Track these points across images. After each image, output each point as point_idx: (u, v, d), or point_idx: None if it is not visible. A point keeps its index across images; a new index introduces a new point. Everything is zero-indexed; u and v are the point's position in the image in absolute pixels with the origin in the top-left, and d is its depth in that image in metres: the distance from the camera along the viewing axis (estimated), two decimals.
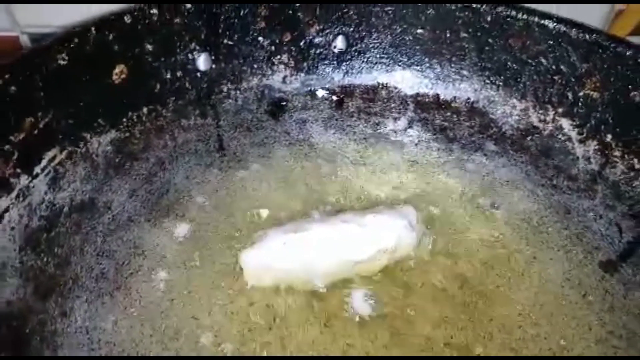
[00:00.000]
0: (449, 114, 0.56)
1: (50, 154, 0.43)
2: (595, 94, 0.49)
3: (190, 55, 0.51)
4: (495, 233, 0.49)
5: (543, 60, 0.51)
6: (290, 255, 0.45)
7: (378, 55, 0.56)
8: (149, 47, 0.48)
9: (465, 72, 0.55)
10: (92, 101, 0.45)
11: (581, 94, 0.50)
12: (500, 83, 0.54)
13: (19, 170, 0.40)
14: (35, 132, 0.41)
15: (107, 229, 0.45)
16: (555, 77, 0.51)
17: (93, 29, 0.44)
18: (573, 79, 0.50)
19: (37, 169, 0.41)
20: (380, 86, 0.57)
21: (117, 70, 0.46)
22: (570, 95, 0.51)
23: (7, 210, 0.39)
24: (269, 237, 0.45)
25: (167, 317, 0.41)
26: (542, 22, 0.50)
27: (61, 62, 0.42)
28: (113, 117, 0.47)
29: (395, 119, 0.57)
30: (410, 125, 0.57)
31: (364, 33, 0.55)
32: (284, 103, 0.56)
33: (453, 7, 0.52)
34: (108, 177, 0.46)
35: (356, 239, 0.46)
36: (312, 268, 0.45)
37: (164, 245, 0.46)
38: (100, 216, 0.45)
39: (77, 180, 0.44)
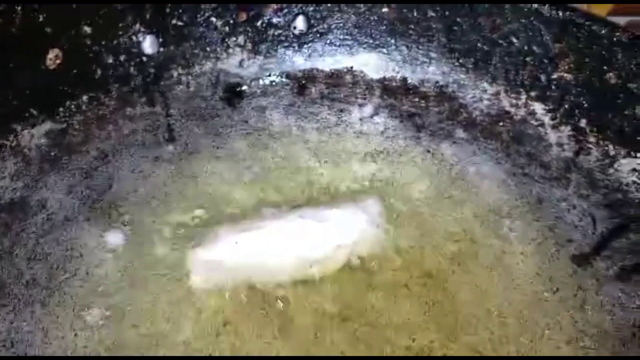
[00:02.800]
0: (417, 99, 0.53)
1: None
2: (569, 76, 0.46)
3: (134, 38, 0.47)
4: (464, 226, 0.46)
5: (514, 41, 0.48)
6: (243, 255, 0.41)
7: (341, 37, 0.53)
8: (87, 29, 0.44)
9: (433, 54, 0.52)
10: (23, 89, 0.41)
11: (554, 76, 0.47)
12: (470, 65, 0.51)
13: None
14: None
15: (41, 230, 0.41)
16: (527, 59, 0.48)
17: (19, 8, 0.40)
18: (546, 60, 0.47)
19: None
20: (345, 70, 0.54)
21: (51, 55, 0.42)
22: (543, 77, 0.48)
23: None
24: (219, 236, 0.42)
25: (104, 327, 0.38)
26: None
27: None
28: (48, 107, 0.43)
29: (360, 106, 0.53)
30: (376, 112, 0.53)
31: (325, 12, 0.52)
32: (241, 89, 0.53)
33: None
34: (42, 172, 0.43)
35: (314, 236, 0.43)
36: (266, 268, 0.41)
37: (103, 247, 0.42)
38: (33, 216, 0.41)
39: (6, 176, 0.40)
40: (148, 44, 0.47)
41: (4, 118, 0.40)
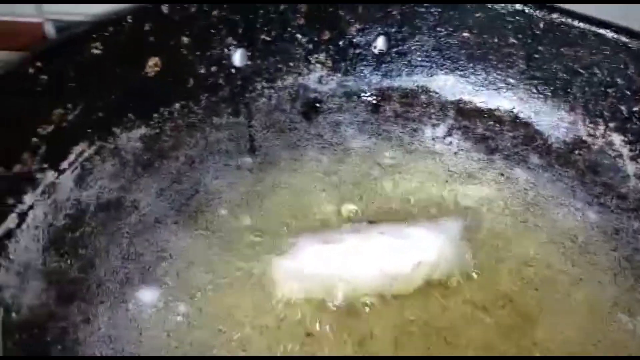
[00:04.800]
0: (491, 122, 0.53)
1: (78, 148, 0.40)
2: None
3: (226, 50, 0.48)
4: (540, 251, 0.46)
5: (597, 71, 0.48)
6: (324, 267, 0.42)
7: (420, 58, 0.54)
8: (185, 39, 0.45)
9: (511, 80, 0.52)
10: (124, 94, 0.43)
11: (636, 108, 0.48)
12: (549, 93, 0.51)
13: (45, 165, 0.38)
14: (64, 124, 0.39)
15: (134, 230, 0.43)
16: (609, 90, 0.48)
17: (129, 18, 0.42)
18: (628, 93, 0.47)
19: (64, 164, 0.39)
20: (420, 90, 0.54)
21: (151, 62, 0.44)
22: (624, 109, 0.48)
23: (31, 207, 0.37)
24: (300, 246, 0.43)
25: (194, 329, 0.39)
26: (600, 31, 0.47)
27: (95, 51, 0.40)
28: (144, 112, 0.45)
29: (434, 126, 0.54)
30: (449, 132, 0.54)
31: (406, 34, 0.53)
32: (319, 104, 0.54)
33: (503, 11, 0.50)
34: (136, 175, 0.44)
35: (394, 252, 0.43)
36: (347, 281, 0.42)
37: (191, 250, 0.43)
38: (127, 216, 0.43)
39: (104, 177, 0.42)
40: (238, 57, 0.49)
41: (105, 121, 0.42)
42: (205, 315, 0.40)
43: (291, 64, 0.52)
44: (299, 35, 0.51)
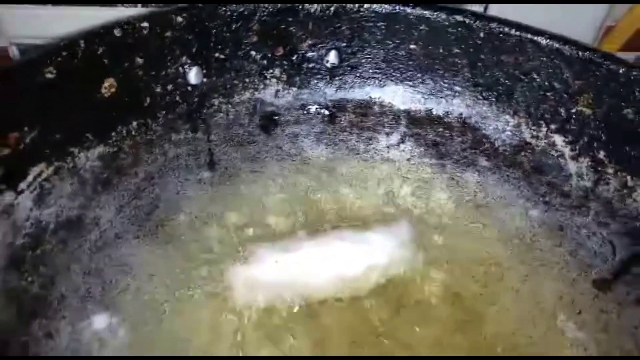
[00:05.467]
0: (441, 129, 0.56)
1: (36, 169, 0.41)
2: (587, 111, 0.49)
3: (181, 69, 0.50)
4: (489, 250, 0.49)
5: (536, 77, 0.51)
6: (281, 273, 0.44)
7: (371, 71, 0.56)
8: (139, 60, 0.47)
9: (457, 88, 0.55)
10: (81, 115, 0.44)
11: (574, 110, 0.50)
12: (493, 99, 0.54)
13: (3, 187, 0.39)
14: (21, 147, 0.40)
15: (95, 247, 0.44)
16: (548, 94, 0.51)
17: (82, 42, 0.43)
18: (566, 96, 0.50)
19: (23, 185, 0.40)
20: (373, 101, 0.57)
21: (106, 84, 0.46)
22: (563, 111, 0.51)
23: None
24: (259, 255, 0.45)
25: (156, 340, 0.40)
26: (535, 38, 0.49)
27: (49, 75, 0.41)
28: (102, 132, 0.46)
29: (387, 134, 0.56)
30: (402, 140, 0.56)
31: (356, 48, 0.55)
32: (276, 117, 0.56)
33: (446, 23, 0.52)
34: (96, 192, 0.45)
35: (347, 256, 0.45)
36: (304, 286, 0.44)
37: (151, 263, 0.45)
38: (88, 233, 0.44)
39: (64, 196, 0.43)
40: (193, 75, 0.51)
41: (63, 141, 0.43)
42: (167, 326, 0.41)
43: (247, 79, 0.54)
44: (252, 52, 0.53)
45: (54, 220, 0.42)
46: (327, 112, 0.57)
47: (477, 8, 0.62)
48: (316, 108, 0.57)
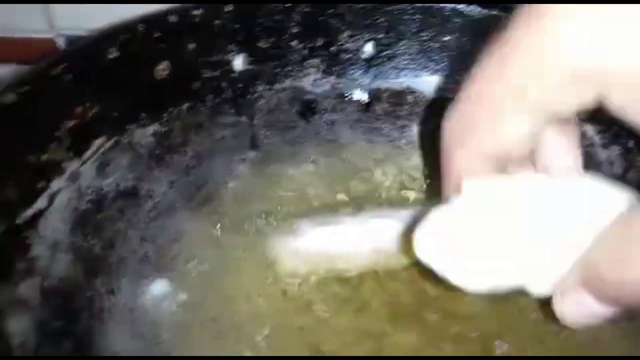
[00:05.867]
0: None
1: (98, 142, 0.45)
2: None
3: (228, 56, 0.53)
4: None
5: None
6: (322, 246, 0.46)
7: (406, 61, 0.59)
8: (191, 46, 0.50)
9: None
10: (137, 95, 0.48)
11: None
12: None
13: (70, 155, 0.42)
14: (86, 120, 0.44)
15: (149, 216, 0.47)
16: None
17: (141, 26, 0.47)
18: None
19: (86, 155, 0.44)
20: (408, 91, 0.59)
21: (160, 67, 0.49)
22: None
23: (59, 192, 0.41)
24: (301, 228, 0.47)
25: (205, 301, 0.43)
26: None
27: (111, 55, 0.45)
28: (155, 112, 0.50)
29: (421, 123, 0.59)
30: (435, 130, 0.58)
31: (392, 40, 0.58)
32: (314, 105, 0.59)
33: (479, 16, 0.55)
34: (150, 167, 0.48)
35: (386, 231, 0.47)
36: (345, 258, 0.46)
37: (201, 233, 0.47)
38: (143, 203, 0.47)
39: (121, 168, 0.46)
40: (239, 62, 0.54)
41: (121, 118, 0.47)
42: (216, 289, 0.44)
43: (288, 68, 0.57)
44: (294, 42, 0.56)
45: (113, 190, 0.45)
46: (362, 101, 0.59)
47: None
48: (352, 97, 0.59)
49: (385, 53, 0.59)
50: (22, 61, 0.66)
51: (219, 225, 0.48)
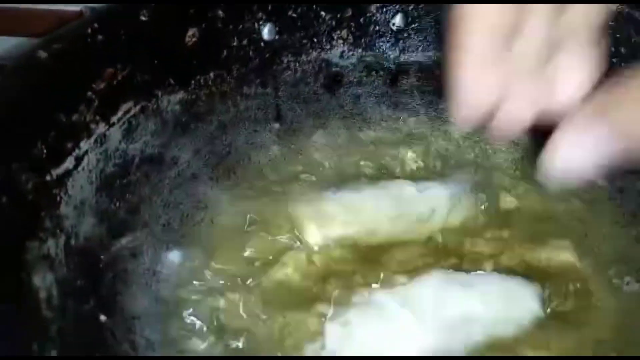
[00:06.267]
0: None
1: (125, 106, 0.45)
2: None
3: (256, 25, 0.53)
4: (548, 208, 0.49)
5: None
6: (348, 213, 0.46)
7: (434, 35, 0.58)
8: (221, 13, 0.50)
9: None
10: (165, 60, 0.48)
11: None
12: None
13: (98, 117, 0.42)
14: (114, 83, 0.43)
15: (173, 183, 0.47)
16: (614, 60, 0.51)
17: None
18: (633, 60, 0.51)
19: (114, 119, 0.44)
20: (435, 65, 0.58)
21: (190, 32, 0.49)
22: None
23: (86, 153, 0.41)
24: (325, 196, 0.47)
25: (229, 265, 0.43)
26: None
27: (142, 18, 0.44)
28: (182, 78, 0.49)
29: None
30: None
31: (422, 12, 0.57)
32: (340, 78, 0.58)
33: None
34: (175, 134, 0.48)
35: (412, 200, 0.47)
36: (368, 226, 0.46)
37: (224, 201, 0.47)
38: (168, 170, 0.47)
39: (147, 133, 0.46)
40: (267, 31, 0.53)
41: (149, 83, 0.47)
42: (240, 254, 0.44)
43: (315, 39, 0.56)
44: (322, 13, 0.55)
45: (138, 155, 0.45)
46: (389, 75, 0.59)
47: None
48: (379, 70, 0.59)
49: (414, 26, 0.58)
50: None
51: (242, 193, 0.48)
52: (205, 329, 0.40)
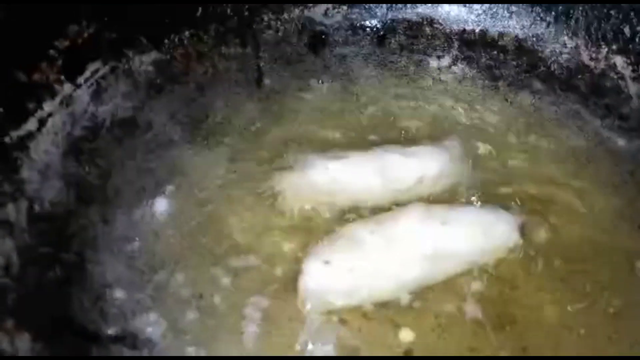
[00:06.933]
0: (495, 52, 0.54)
1: (93, 66, 0.42)
2: None
3: None
4: (543, 169, 0.47)
5: None
6: (331, 179, 0.44)
7: None
8: None
9: (514, 8, 0.53)
10: (136, 17, 0.45)
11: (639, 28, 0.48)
12: (551, 19, 0.52)
13: (62, 78, 0.40)
14: (80, 41, 0.41)
15: (148, 148, 0.45)
16: (612, 11, 0.49)
17: None
18: (632, 12, 0.48)
19: (81, 80, 0.41)
20: (425, 22, 0.55)
21: None
22: (627, 30, 0.49)
23: (50, 115, 0.39)
24: (308, 162, 0.45)
25: (206, 232, 0.41)
26: None
27: None
28: (155, 37, 0.47)
29: (439, 57, 0.55)
30: (454, 62, 0.55)
31: None
32: (325, 37, 0.55)
33: None
34: (149, 97, 0.46)
35: (398, 167, 0.45)
36: (352, 193, 0.44)
37: (202, 167, 0.45)
38: (142, 134, 0.45)
39: (119, 96, 0.44)
40: None
41: (119, 43, 0.44)
42: (217, 221, 0.42)
43: None
44: None
45: (109, 118, 0.43)
46: (376, 33, 0.56)
47: None
48: (366, 29, 0.56)
49: None
50: None
51: (219, 160, 0.46)
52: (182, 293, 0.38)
